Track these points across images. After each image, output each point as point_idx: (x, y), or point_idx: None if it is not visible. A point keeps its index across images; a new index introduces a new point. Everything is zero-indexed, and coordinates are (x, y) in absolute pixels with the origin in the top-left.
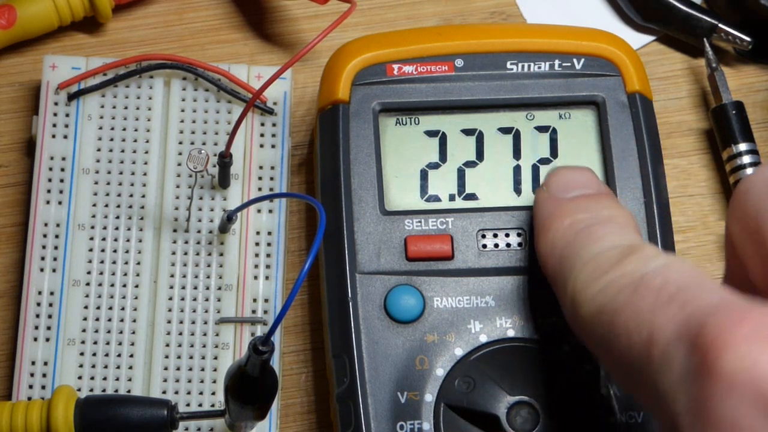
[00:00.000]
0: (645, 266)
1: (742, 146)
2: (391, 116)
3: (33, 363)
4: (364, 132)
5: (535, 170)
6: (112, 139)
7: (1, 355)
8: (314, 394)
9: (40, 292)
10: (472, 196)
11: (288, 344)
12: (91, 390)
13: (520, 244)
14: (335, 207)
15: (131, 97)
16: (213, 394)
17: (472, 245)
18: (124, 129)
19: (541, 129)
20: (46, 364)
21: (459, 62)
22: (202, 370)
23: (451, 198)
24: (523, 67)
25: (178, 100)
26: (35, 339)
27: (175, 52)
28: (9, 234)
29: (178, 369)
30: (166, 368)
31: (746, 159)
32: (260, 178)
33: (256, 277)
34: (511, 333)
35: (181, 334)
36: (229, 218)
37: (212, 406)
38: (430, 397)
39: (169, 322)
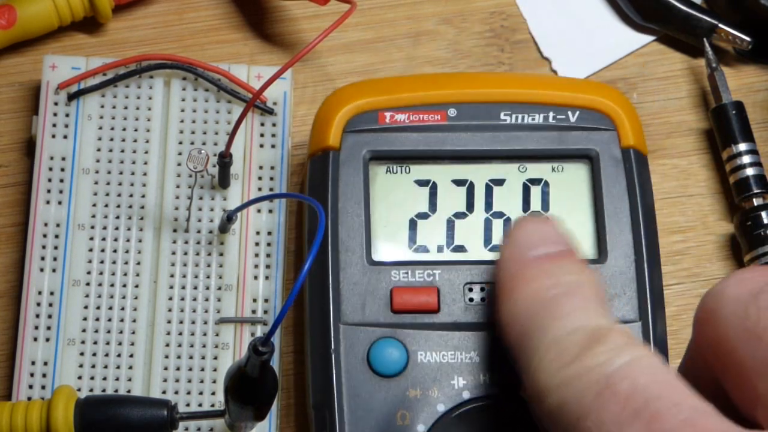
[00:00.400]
0: (611, 363)
1: (742, 146)
2: (381, 164)
3: (33, 363)
4: (353, 179)
5: None
6: (112, 139)
7: (1, 355)
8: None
9: (40, 292)
10: (460, 248)
11: (288, 344)
12: (91, 390)
13: None
14: (322, 256)
15: (131, 97)
16: (213, 394)
17: (458, 298)
18: (124, 129)
19: (533, 182)
20: (46, 364)
21: (452, 111)
22: (202, 370)
23: (440, 249)
24: (516, 118)
25: (178, 100)
26: (35, 339)
27: (175, 52)
28: (9, 234)
29: (178, 369)
30: (166, 368)
31: (746, 159)
32: (260, 178)
33: (256, 277)
34: (494, 390)
35: (181, 334)
36: (229, 218)
37: (212, 406)
38: None
39: (169, 322)
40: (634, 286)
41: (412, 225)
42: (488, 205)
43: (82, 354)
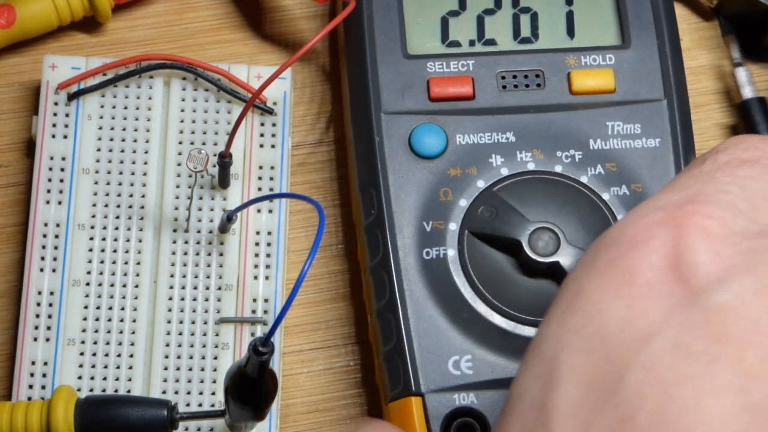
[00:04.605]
0: None
1: None
2: None
3: (33, 363)
4: None
5: (552, 16)
6: (112, 139)
7: (1, 355)
8: (314, 394)
9: (40, 292)
10: (491, 42)
11: (288, 344)
12: (91, 390)
13: (538, 85)
14: (359, 50)
15: (131, 97)
16: (213, 394)
17: (492, 85)
18: (124, 129)
19: None
20: (46, 364)
21: None
22: (202, 370)
23: (471, 43)
24: None
25: (178, 100)
26: (35, 339)
27: (175, 52)
28: (9, 234)
29: (178, 369)
30: (166, 368)
31: None
32: (260, 178)
33: (256, 277)
34: (531, 166)
35: (181, 334)
36: (229, 218)
37: (212, 406)
38: (454, 226)
39: (169, 322)
40: (658, 67)
41: (444, 22)
42: (515, 1)
43: (82, 354)
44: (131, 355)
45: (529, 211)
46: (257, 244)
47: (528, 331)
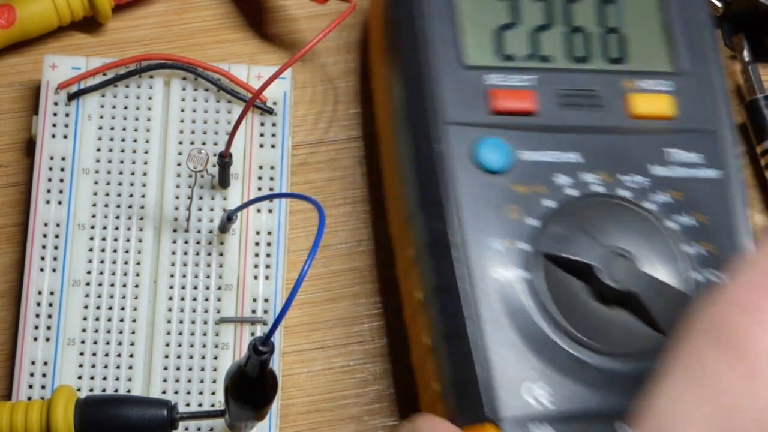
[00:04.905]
0: None
1: None
2: None
3: (33, 363)
4: None
5: (604, 37)
6: (112, 139)
7: (1, 355)
8: (314, 394)
9: (40, 292)
10: (548, 58)
11: (288, 344)
12: (91, 390)
13: (597, 105)
14: (415, 59)
15: (131, 97)
16: (213, 394)
17: (553, 102)
18: (124, 129)
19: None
20: (46, 364)
21: None
22: (202, 370)
23: (528, 58)
24: None
25: (178, 100)
26: (35, 339)
27: (175, 52)
28: (9, 234)
29: (178, 369)
30: (166, 368)
31: None
32: (260, 178)
33: (256, 277)
34: (598, 189)
35: (181, 334)
36: (229, 218)
37: (212, 406)
38: (525, 246)
39: (169, 322)
40: (713, 97)
41: (499, 34)
42: (569, 17)
43: (82, 354)
44: (131, 355)
45: (601, 236)
46: (257, 244)
47: (604, 362)
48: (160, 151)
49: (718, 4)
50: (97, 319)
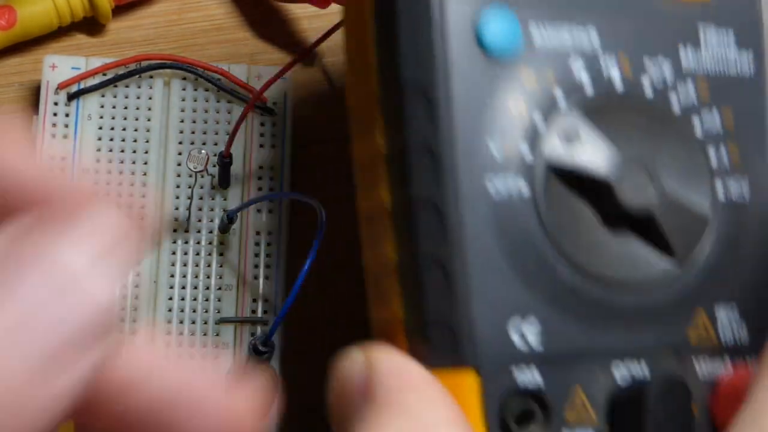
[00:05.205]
0: None
1: None
2: None
3: None
4: None
5: None
6: (112, 139)
7: None
8: (314, 394)
9: None
10: None
11: (288, 344)
12: None
13: None
14: None
15: (131, 97)
16: None
17: None
18: (124, 129)
19: None
20: None
21: None
22: None
23: None
24: None
25: (178, 100)
26: None
27: (175, 52)
28: None
29: None
30: None
31: None
32: (260, 178)
33: (256, 277)
34: (618, 84)
35: (181, 334)
36: (229, 218)
37: None
38: (526, 150)
39: (169, 322)
40: None
41: None
42: None
43: None
44: None
45: (619, 143)
46: (257, 244)
47: (606, 294)
48: (160, 151)
49: None
50: None
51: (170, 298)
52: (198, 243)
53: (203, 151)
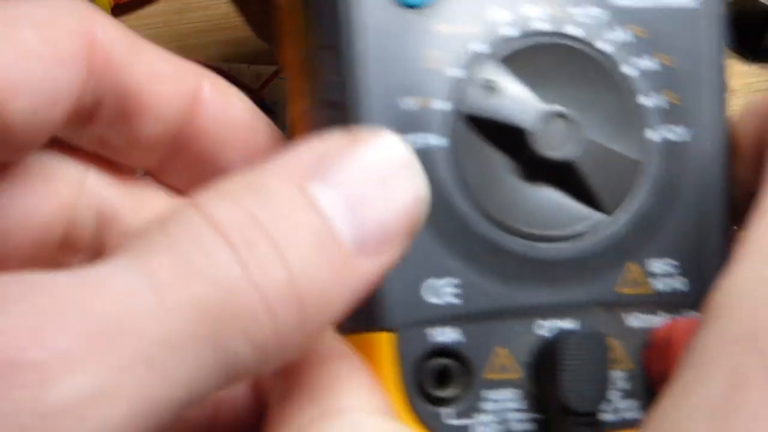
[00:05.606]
0: None
1: None
2: None
3: None
4: None
5: None
6: None
7: None
8: None
9: None
10: None
11: None
12: None
13: None
14: None
15: None
16: None
17: None
18: None
19: None
20: None
21: None
22: None
23: None
24: None
25: None
26: None
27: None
28: None
29: None
30: None
31: None
32: None
33: None
34: (542, 26)
35: None
36: None
37: None
38: (440, 104)
39: None
40: None
41: None
42: None
43: None
44: None
45: (539, 90)
46: None
47: (526, 248)
48: None
49: None
50: None
51: None
52: None
53: None
